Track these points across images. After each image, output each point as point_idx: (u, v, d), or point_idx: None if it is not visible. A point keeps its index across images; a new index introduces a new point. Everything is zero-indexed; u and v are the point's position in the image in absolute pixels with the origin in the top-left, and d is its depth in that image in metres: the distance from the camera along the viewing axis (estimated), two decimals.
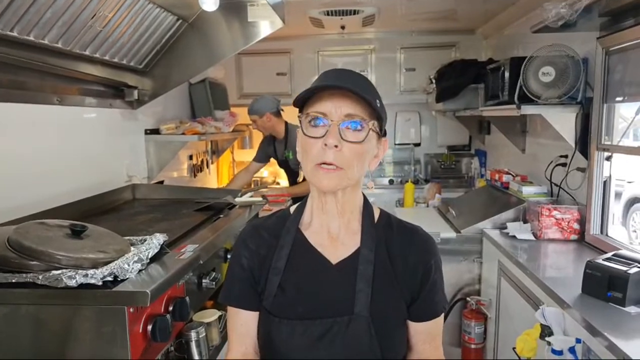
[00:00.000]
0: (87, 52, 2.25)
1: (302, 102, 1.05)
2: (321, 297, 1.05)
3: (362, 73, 1.11)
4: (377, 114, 1.03)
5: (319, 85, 1.01)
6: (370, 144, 1.04)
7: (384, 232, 1.12)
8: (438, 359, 1.15)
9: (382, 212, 1.18)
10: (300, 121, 1.05)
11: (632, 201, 5.61)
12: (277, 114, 3.64)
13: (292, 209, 1.18)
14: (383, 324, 1.03)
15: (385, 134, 1.10)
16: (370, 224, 1.11)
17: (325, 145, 0.99)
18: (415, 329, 1.11)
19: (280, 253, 1.09)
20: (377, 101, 1.03)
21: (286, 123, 3.68)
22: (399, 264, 1.09)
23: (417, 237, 1.14)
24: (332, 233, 1.11)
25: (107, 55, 2.41)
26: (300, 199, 1.20)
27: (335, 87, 1.00)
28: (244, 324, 1.11)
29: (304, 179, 3.66)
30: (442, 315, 1.14)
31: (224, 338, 1.97)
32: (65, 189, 2.23)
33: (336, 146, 0.99)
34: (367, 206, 1.14)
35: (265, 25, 2.75)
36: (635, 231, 5.54)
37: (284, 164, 3.87)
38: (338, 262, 1.09)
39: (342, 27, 4.31)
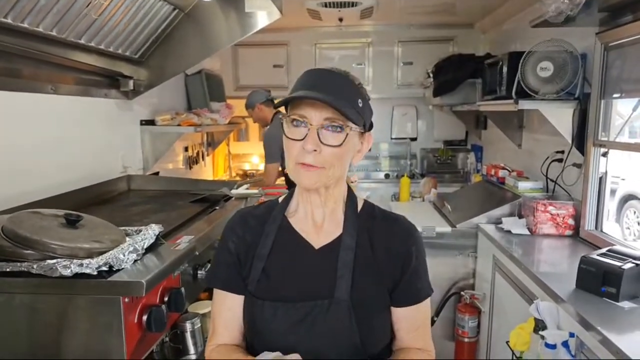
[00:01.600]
0: (82, 41, 2.23)
1: (286, 103, 1.07)
2: (303, 281, 1.09)
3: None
4: (358, 116, 1.05)
5: (297, 96, 1.02)
6: (350, 143, 1.06)
7: (366, 221, 1.15)
8: (423, 348, 1.15)
9: (365, 202, 1.21)
10: (282, 122, 1.08)
11: (626, 198, 5.64)
12: (268, 103, 3.74)
13: (281, 199, 1.21)
14: (363, 309, 1.06)
15: (371, 128, 1.13)
16: (353, 213, 1.15)
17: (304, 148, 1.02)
18: (398, 315, 1.13)
19: (266, 241, 1.13)
20: (359, 101, 1.06)
21: (275, 113, 3.72)
22: (380, 251, 1.12)
23: (399, 225, 1.17)
24: (317, 221, 1.14)
25: (102, 45, 2.38)
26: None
27: (313, 99, 1.01)
28: (230, 307, 1.13)
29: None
30: (426, 303, 1.15)
31: None
32: (59, 179, 2.22)
33: (315, 150, 1.02)
34: (350, 196, 1.17)
35: (263, 16, 2.73)
36: (629, 228, 5.57)
37: None
38: (320, 247, 1.12)
39: (340, 20, 4.29)
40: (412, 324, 1.15)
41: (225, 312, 1.14)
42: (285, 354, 0.99)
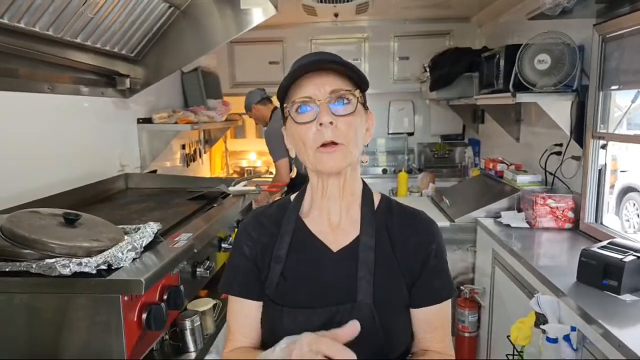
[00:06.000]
0: (78, 40, 2.21)
1: (284, 94, 1.04)
2: (323, 285, 1.04)
3: (355, 62, 1.10)
4: (360, 82, 1.03)
5: (302, 64, 0.99)
6: (361, 116, 1.04)
7: (384, 218, 1.10)
8: (441, 351, 1.09)
9: (382, 197, 1.16)
10: (286, 113, 1.04)
11: (626, 190, 5.64)
12: (263, 102, 3.76)
13: (293, 197, 1.17)
14: (386, 311, 1.01)
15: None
16: (369, 210, 1.10)
17: (321, 124, 0.98)
18: (416, 316, 1.08)
19: (282, 241, 1.08)
20: None
21: (274, 109, 3.71)
22: (400, 249, 1.07)
23: (418, 221, 1.13)
24: (333, 220, 1.09)
25: (98, 43, 2.37)
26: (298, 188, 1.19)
27: (318, 64, 0.99)
28: (247, 314, 1.09)
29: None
30: (446, 305, 1.09)
31: (219, 327, 1.97)
32: (57, 178, 2.21)
33: (331, 123, 0.98)
34: (366, 191, 1.13)
35: (258, 12, 2.71)
36: (628, 220, 5.57)
37: None
38: (339, 249, 1.07)
39: (336, 15, 4.28)
40: (429, 325, 1.09)
41: (242, 318, 1.10)
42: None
